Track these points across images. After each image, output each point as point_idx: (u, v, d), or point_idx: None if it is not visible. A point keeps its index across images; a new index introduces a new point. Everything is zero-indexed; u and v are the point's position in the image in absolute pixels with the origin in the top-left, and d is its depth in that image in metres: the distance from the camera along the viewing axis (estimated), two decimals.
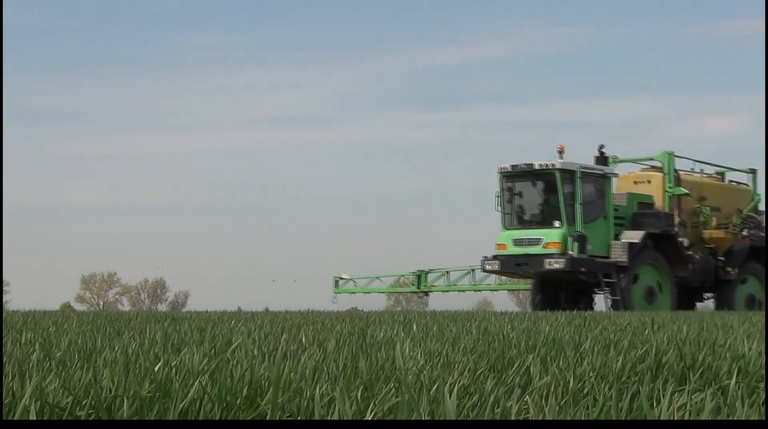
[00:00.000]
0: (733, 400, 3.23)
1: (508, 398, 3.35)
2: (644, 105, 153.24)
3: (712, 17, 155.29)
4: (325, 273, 39.18)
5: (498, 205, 28.34)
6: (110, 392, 3.12)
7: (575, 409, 3.16)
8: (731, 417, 2.91)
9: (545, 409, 2.83)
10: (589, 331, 7.40)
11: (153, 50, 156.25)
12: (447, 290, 36.76)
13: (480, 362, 4.47)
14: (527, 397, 3.31)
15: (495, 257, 28.34)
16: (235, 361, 4.35)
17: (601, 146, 29.39)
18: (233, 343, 5.76)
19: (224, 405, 3.11)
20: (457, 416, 2.98)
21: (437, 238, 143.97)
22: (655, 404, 3.19)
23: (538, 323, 9.91)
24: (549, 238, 27.33)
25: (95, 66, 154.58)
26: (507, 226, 28.27)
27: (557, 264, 26.93)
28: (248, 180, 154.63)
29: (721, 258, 30.22)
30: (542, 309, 26.99)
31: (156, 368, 3.66)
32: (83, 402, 3.00)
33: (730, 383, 3.67)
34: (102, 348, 5.46)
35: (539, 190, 28.25)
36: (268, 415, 2.94)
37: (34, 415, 2.71)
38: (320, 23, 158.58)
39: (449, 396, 2.82)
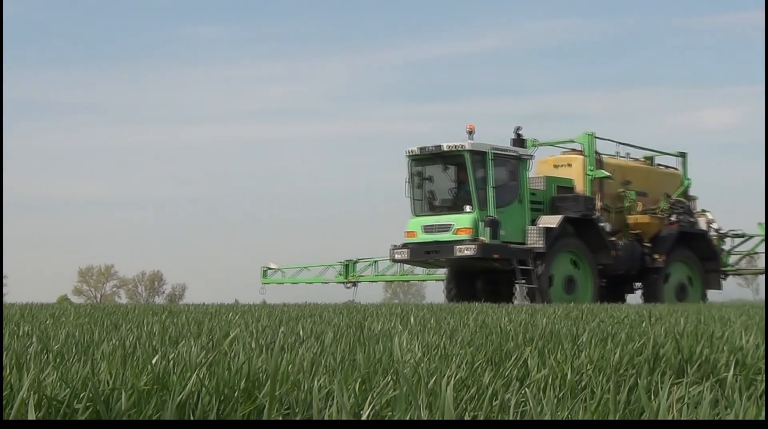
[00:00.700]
0: (731, 393, 3.24)
1: (506, 391, 3.36)
2: (639, 97, 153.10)
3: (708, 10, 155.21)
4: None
5: (407, 191, 26.88)
6: (108, 385, 3.12)
7: (573, 402, 3.16)
8: (729, 410, 2.91)
9: (543, 402, 2.83)
10: (587, 324, 7.40)
11: (148, 43, 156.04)
12: (375, 280, 35.71)
13: (477, 355, 4.47)
14: (525, 390, 3.31)
15: (404, 246, 26.79)
16: (233, 354, 4.35)
17: (518, 128, 28.12)
18: (231, 336, 5.76)
19: (222, 397, 3.11)
20: (455, 409, 2.98)
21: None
22: (653, 397, 3.19)
23: (536, 316, 9.92)
24: (459, 224, 25.88)
25: (91, 59, 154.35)
26: (417, 213, 26.82)
27: (468, 251, 25.37)
28: (244, 172, 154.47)
29: (648, 244, 28.87)
30: (458, 300, 25.27)
31: (154, 361, 3.66)
32: (81, 395, 2.99)
33: (728, 376, 3.67)
34: (100, 341, 5.46)
35: (450, 174, 26.78)
36: (266, 408, 2.94)
37: (32, 408, 2.71)
38: (315, 16, 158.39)
39: (447, 389, 2.82)
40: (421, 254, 26.57)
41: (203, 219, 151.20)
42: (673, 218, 29.68)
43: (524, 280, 25.81)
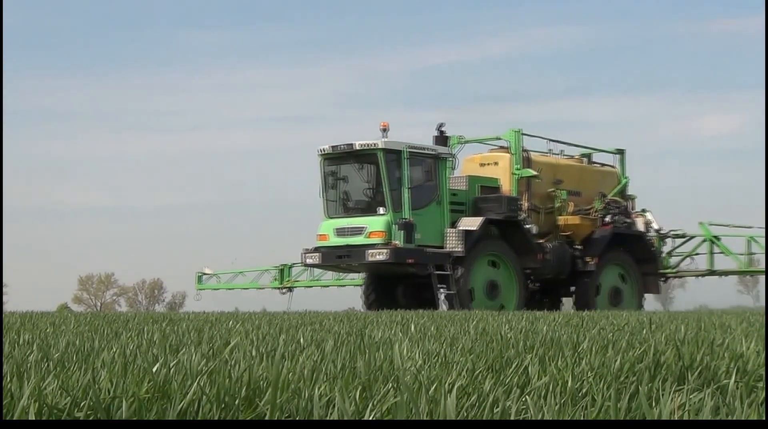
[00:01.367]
0: (732, 400, 3.24)
1: (507, 398, 3.35)
2: (645, 103, 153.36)
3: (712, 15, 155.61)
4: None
5: (320, 192, 25.19)
6: (109, 393, 3.12)
7: (574, 409, 3.16)
8: (730, 417, 2.91)
9: (544, 409, 2.83)
10: (587, 331, 7.40)
11: (148, 49, 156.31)
12: (311, 286, 33.31)
13: (478, 362, 4.47)
14: (526, 397, 3.31)
15: (316, 249, 25.13)
16: (234, 362, 4.35)
17: (441, 125, 26.37)
18: (231, 344, 5.76)
19: (223, 405, 3.11)
20: (456, 416, 2.98)
21: None
22: (654, 404, 3.19)
23: (536, 323, 9.92)
24: (372, 227, 24.25)
25: (90, 66, 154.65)
26: (330, 215, 25.10)
27: (380, 255, 23.85)
28: (246, 179, 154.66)
29: (579, 247, 27.04)
30: (377, 308, 23.56)
31: (154, 369, 3.66)
32: (82, 403, 2.99)
33: (729, 383, 3.67)
34: (100, 349, 5.45)
35: (364, 174, 25.08)
36: (267, 416, 2.94)
37: (33, 416, 2.71)
38: (315, 22, 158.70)
39: (448, 396, 2.82)
40: (333, 259, 25.13)
41: (203, 227, 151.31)
42: (608, 219, 27.89)
43: (443, 287, 24.41)
